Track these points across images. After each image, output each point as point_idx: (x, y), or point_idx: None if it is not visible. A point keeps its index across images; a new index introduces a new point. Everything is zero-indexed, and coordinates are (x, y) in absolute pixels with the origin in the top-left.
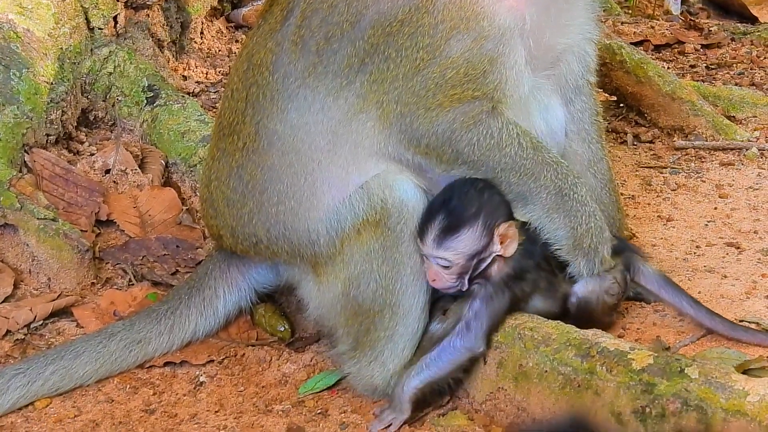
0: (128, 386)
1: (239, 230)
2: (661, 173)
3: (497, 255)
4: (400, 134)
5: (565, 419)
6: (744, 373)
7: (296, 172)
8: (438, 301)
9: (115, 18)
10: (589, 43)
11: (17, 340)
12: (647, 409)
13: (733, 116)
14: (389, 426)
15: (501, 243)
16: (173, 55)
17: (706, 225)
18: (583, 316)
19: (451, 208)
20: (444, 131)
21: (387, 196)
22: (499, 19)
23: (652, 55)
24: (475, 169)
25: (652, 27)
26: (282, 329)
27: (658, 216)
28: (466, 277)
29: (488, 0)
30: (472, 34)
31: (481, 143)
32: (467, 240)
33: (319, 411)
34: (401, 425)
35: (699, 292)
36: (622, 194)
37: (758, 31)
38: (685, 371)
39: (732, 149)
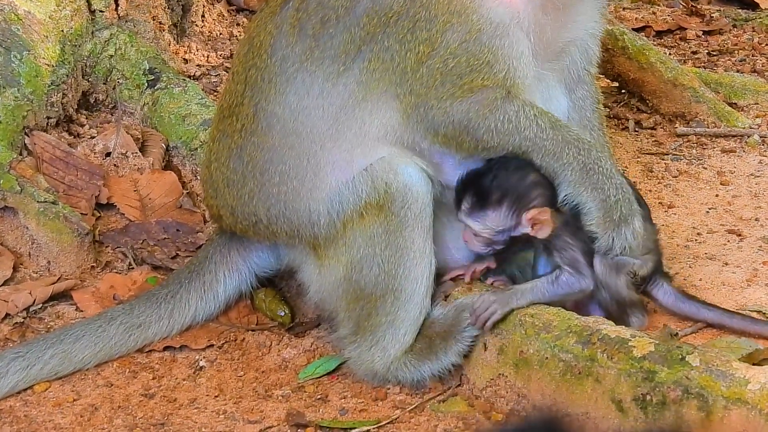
0: (127, 370)
1: (239, 210)
2: (663, 160)
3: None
4: (418, 124)
5: (540, 421)
6: (756, 364)
7: (298, 154)
8: (440, 287)
9: (116, 1)
10: (592, 37)
11: (16, 323)
12: (648, 397)
13: (735, 103)
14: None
15: (532, 227)
16: (174, 39)
17: (708, 212)
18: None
19: (481, 185)
20: (461, 120)
21: (391, 181)
22: (490, 13)
23: (654, 41)
24: (496, 154)
25: (654, 13)
26: (282, 314)
27: (659, 203)
28: (498, 246)
29: (474, 4)
30: (466, 27)
31: (499, 129)
32: (493, 219)
33: (319, 396)
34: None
35: (700, 280)
36: None
37: (760, 18)
38: (686, 359)
39: (733, 136)
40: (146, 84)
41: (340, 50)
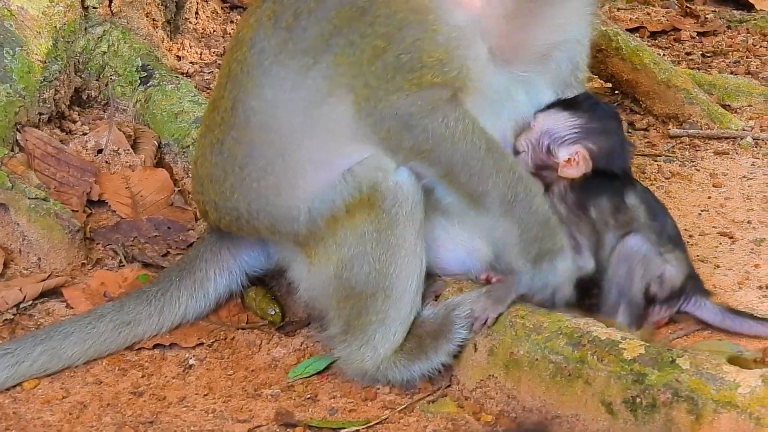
0: (117, 368)
1: (221, 205)
2: (656, 161)
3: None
4: (368, 118)
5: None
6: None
7: (276, 150)
8: (430, 287)
9: None
10: (578, 43)
11: (6, 320)
12: (638, 399)
13: (728, 105)
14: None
15: (568, 161)
16: (168, 35)
17: (700, 214)
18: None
19: (575, 98)
20: (403, 114)
21: (381, 179)
22: (447, 15)
23: (648, 42)
24: (428, 163)
25: (648, 14)
26: (272, 313)
27: None
28: (531, 167)
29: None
30: (422, 26)
31: (436, 132)
32: (547, 125)
33: (308, 396)
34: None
35: None
36: None
37: (754, 19)
38: (677, 362)
39: (727, 138)
40: (139, 81)
41: (311, 43)
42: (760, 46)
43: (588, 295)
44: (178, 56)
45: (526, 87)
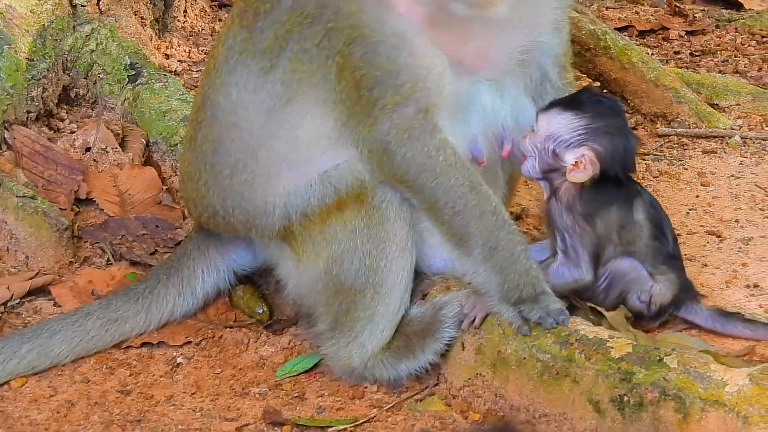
0: (105, 366)
1: (199, 202)
2: (644, 160)
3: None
4: (349, 134)
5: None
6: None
7: (242, 148)
8: (418, 286)
9: None
10: (553, 44)
11: None
12: (625, 398)
13: (717, 104)
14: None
15: (574, 164)
16: (156, 34)
17: (688, 213)
18: None
19: (581, 95)
20: (381, 140)
21: (365, 176)
22: (385, 26)
23: (637, 41)
24: (411, 193)
25: (637, 12)
26: (260, 311)
27: None
28: (537, 175)
29: (372, 8)
30: (365, 40)
31: (417, 161)
32: (558, 123)
33: (296, 394)
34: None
35: None
36: None
37: (743, 18)
38: (664, 360)
39: (715, 137)
40: (127, 79)
41: (268, 45)
42: (749, 45)
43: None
44: (166, 54)
45: (498, 92)
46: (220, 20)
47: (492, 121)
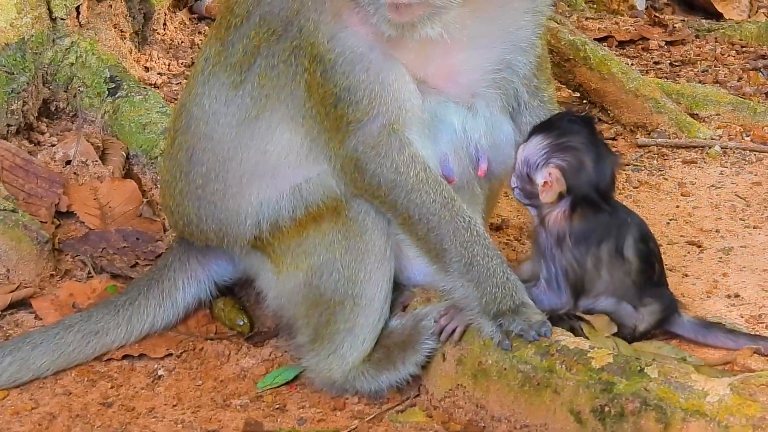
0: (86, 379)
1: (174, 209)
2: (624, 170)
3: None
4: (320, 150)
5: None
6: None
7: (214, 158)
8: (398, 298)
9: (77, 8)
10: (526, 61)
11: None
12: (606, 408)
13: (696, 114)
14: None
15: (543, 184)
16: (136, 47)
17: (668, 223)
18: None
19: (550, 119)
20: (351, 156)
21: (338, 190)
22: (338, 43)
23: (616, 51)
24: (386, 209)
25: (617, 23)
26: (241, 323)
27: None
28: (525, 201)
29: (327, 26)
30: (323, 58)
31: (386, 177)
32: (530, 149)
33: (277, 406)
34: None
35: None
36: None
37: (723, 28)
38: (645, 371)
39: (695, 147)
40: (107, 92)
41: (237, 60)
42: (728, 55)
43: None
44: (146, 67)
45: (469, 112)
46: (199, 33)
47: (463, 141)
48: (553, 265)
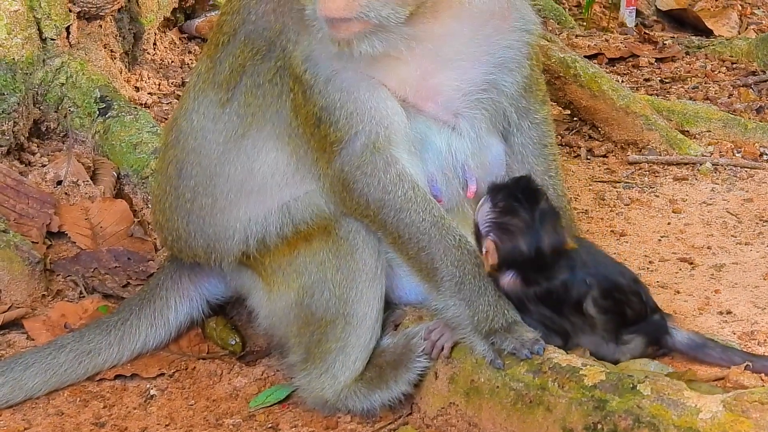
0: (78, 399)
1: (164, 224)
2: (615, 188)
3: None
4: (307, 167)
5: None
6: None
7: (202, 173)
8: (390, 316)
9: (67, 29)
10: (508, 72)
11: None
12: (599, 426)
13: (687, 131)
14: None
15: (485, 253)
16: (126, 66)
17: (660, 240)
18: None
19: (504, 184)
20: (338, 176)
21: (326, 209)
22: (314, 63)
23: (607, 68)
24: (376, 228)
25: (607, 40)
26: (233, 342)
27: (611, 231)
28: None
29: (304, 47)
30: (301, 80)
31: (374, 196)
32: (476, 216)
33: (269, 425)
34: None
35: None
36: (575, 209)
37: (713, 45)
38: (638, 388)
39: (686, 164)
40: (97, 112)
41: (224, 78)
42: (719, 72)
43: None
44: (136, 87)
45: (454, 132)
46: (189, 52)
47: (450, 161)
48: (529, 317)
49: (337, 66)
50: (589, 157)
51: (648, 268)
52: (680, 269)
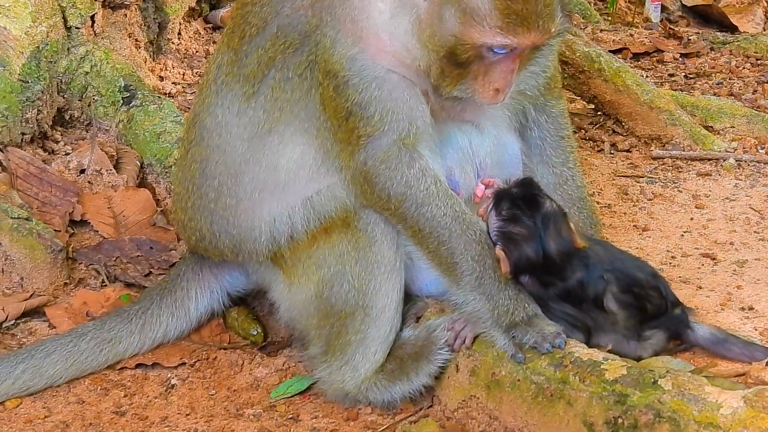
0: (99, 387)
1: (187, 225)
2: (638, 182)
3: None
4: (331, 159)
5: None
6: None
7: (226, 171)
8: (411, 309)
9: (92, 17)
10: (534, 77)
11: None
12: (620, 420)
13: (711, 126)
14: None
15: (498, 260)
16: (150, 56)
17: (682, 235)
18: None
19: (502, 191)
20: (361, 169)
21: (347, 201)
22: (353, 63)
23: (631, 63)
24: (396, 221)
25: (632, 35)
26: (254, 333)
27: (634, 225)
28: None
29: (343, 47)
30: (336, 75)
31: (396, 191)
32: (490, 222)
33: (290, 416)
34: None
35: None
36: (597, 203)
37: (738, 41)
38: (659, 382)
39: (709, 159)
40: (121, 101)
41: (251, 71)
42: (743, 68)
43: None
44: (160, 76)
45: (476, 129)
46: (214, 42)
47: (469, 157)
48: (552, 314)
49: (380, 70)
50: (612, 151)
51: (670, 263)
52: (702, 264)
